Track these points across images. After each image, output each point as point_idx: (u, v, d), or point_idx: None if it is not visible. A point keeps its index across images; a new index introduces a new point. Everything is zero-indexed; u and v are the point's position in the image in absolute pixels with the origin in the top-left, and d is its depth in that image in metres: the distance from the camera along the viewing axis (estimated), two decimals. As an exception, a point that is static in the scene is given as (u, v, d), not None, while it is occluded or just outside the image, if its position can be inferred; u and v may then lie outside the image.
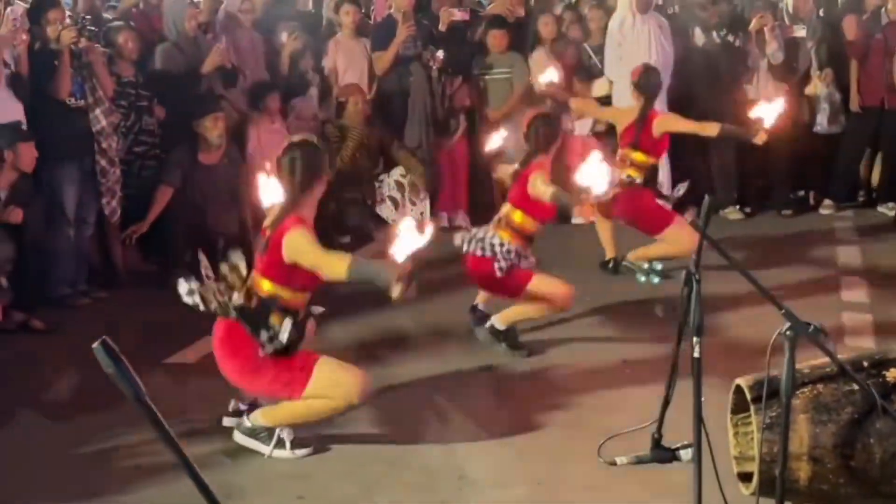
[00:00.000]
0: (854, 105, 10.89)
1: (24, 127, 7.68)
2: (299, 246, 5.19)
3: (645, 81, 8.65)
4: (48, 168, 7.94)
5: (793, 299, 8.00)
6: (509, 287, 6.98)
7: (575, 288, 7.08)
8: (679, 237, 8.11)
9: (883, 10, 10.85)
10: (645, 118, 8.53)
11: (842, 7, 11.57)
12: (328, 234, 10.00)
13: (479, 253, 6.94)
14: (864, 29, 10.81)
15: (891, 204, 11.02)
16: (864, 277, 8.72)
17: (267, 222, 5.43)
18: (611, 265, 8.87)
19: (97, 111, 8.19)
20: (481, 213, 10.74)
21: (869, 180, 11.50)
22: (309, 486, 5.19)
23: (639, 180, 8.49)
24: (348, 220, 10.05)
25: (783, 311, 3.65)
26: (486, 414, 5.94)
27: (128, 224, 8.73)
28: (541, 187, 6.78)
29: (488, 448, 5.50)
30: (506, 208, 7.10)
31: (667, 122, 8.68)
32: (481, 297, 7.26)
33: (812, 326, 3.62)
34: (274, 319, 5.26)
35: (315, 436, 5.62)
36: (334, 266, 5.10)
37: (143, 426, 5.71)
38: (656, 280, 8.66)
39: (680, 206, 10.38)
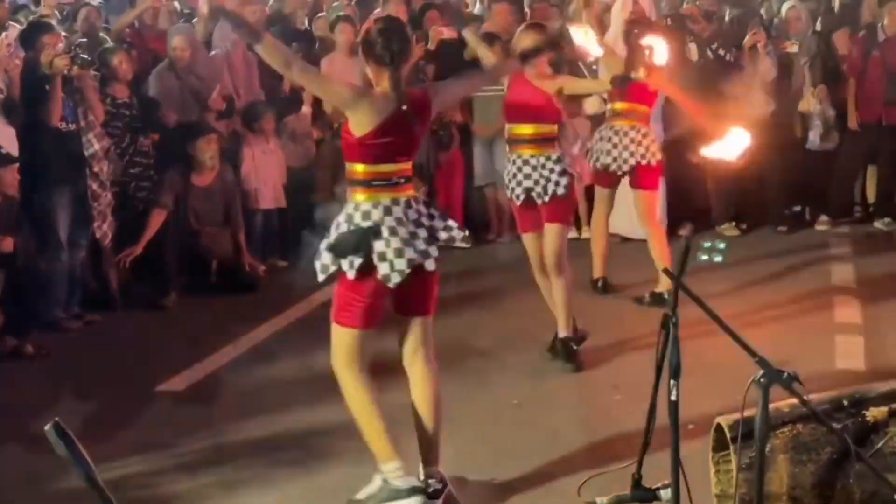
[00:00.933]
0: (852, 123, 10.88)
1: (15, 151, 7.70)
2: None
3: (628, 31, 8.65)
4: (41, 192, 7.96)
5: (786, 320, 8.09)
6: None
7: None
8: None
9: (879, 26, 10.84)
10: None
11: (836, 23, 11.53)
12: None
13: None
14: (861, 46, 10.81)
15: (887, 220, 11.04)
16: (858, 297, 8.70)
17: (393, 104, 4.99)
18: (599, 284, 8.84)
19: (90, 135, 8.20)
20: (479, 230, 10.81)
21: (864, 196, 11.50)
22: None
23: (626, 127, 8.56)
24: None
25: (757, 359, 3.64)
26: (469, 444, 5.90)
27: (123, 245, 8.76)
28: None
29: (471, 484, 5.46)
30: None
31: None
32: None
33: (785, 374, 3.62)
34: None
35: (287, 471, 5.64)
36: None
37: (133, 459, 5.77)
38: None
39: (677, 222, 10.49)
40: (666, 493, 4.25)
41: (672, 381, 3.91)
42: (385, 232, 4.95)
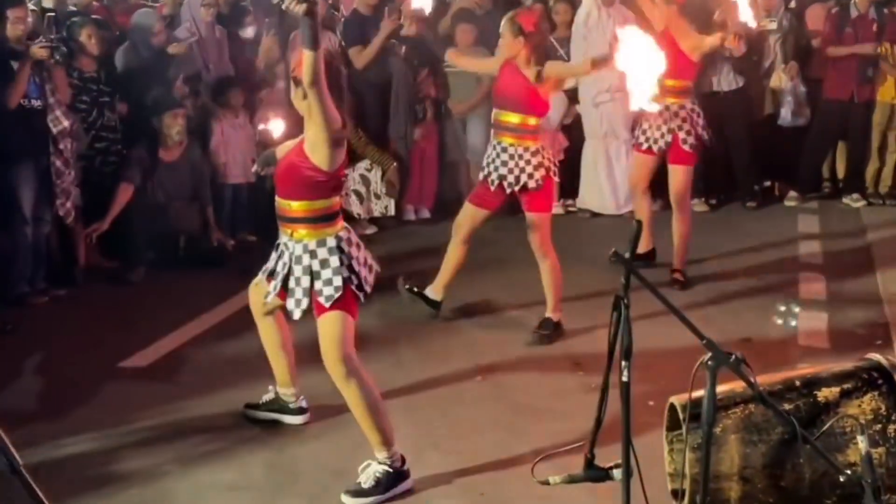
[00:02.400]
0: (827, 93, 10.92)
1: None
2: None
3: None
4: (4, 167, 7.90)
5: (751, 297, 8.12)
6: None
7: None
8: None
9: (852, 3, 10.84)
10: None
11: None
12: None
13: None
14: (833, 21, 10.81)
15: (855, 196, 11.08)
16: (823, 273, 8.74)
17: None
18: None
19: (58, 112, 8.12)
20: (448, 206, 10.78)
21: (834, 172, 11.53)
22: (250, 498, 5.19)
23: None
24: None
25: (704, 341, 3.65)
26: (429, 422, 5.89)
27: (88, 220, 8.71)
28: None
29: (431, 459, 5.48)
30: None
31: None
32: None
33: (733, 356, 3.63)
34: None
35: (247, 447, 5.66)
36: None
37: (93, 435, 5.76)
38: None
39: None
40: (618, 473, 4.26)
41: (623, 362, 3.92)
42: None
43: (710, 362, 3.61)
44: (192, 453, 5.60)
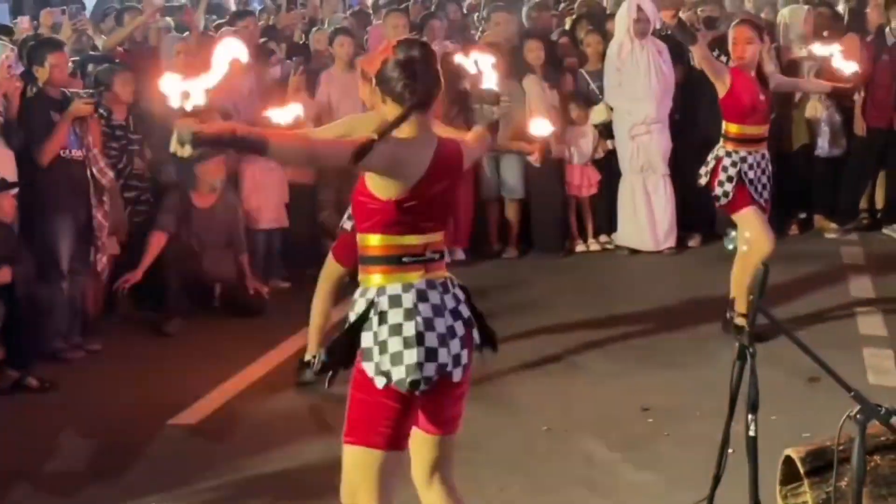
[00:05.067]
0: (858, 129, 10.68)
1: (13, 176, 7.43)
2: None
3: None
4: (42, 219, 7.69)
5: (811, 334, 7.84)
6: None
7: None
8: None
9: (888, 29, 10.65)
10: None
11: (844, 30, 11.30)
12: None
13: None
14: (870, 51, 10.61)
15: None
16: (879, 307, 8.48)
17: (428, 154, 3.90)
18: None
19: (102, 163, 7.94)
20: (480, 248, 10.55)
21: (871, 202, 11.30)
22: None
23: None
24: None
25: (852, 393, 3.41)
26: (499, 479, 5.62)
27: (119, 269, 8.47)
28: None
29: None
30: None
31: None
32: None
33: (883, 409, 3.39)
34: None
35: None
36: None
37: (152, 497, 5.52)
38: None
39: (687, 231, 10.38)
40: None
41: (750, 416, 3.67)
42: (420, 324, 3.80)
43: (859, 416, 3.37)
44: (258, 514, 5.34)
